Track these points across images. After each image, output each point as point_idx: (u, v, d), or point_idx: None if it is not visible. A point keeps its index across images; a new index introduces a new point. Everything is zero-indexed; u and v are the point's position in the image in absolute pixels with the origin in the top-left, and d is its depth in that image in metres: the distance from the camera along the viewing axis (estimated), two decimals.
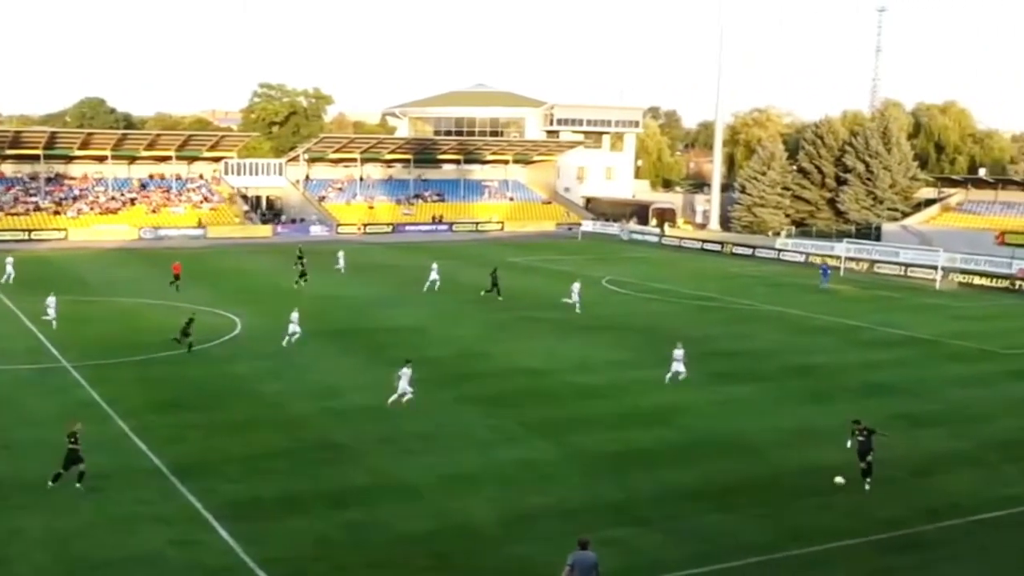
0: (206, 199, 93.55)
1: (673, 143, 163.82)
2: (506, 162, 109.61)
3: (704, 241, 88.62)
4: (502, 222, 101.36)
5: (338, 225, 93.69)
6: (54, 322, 41.92)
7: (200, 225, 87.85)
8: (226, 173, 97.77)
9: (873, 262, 72.52)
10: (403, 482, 24.27)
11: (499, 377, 35.20)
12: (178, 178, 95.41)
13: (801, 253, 78.51)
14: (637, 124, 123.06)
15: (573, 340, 42.00)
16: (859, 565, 20.30)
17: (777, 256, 79.26)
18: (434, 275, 55.44)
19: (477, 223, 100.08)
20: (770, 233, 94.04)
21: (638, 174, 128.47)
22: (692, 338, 42.83)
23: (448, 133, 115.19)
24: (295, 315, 39.64)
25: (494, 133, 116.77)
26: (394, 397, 30.47)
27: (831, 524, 22.17)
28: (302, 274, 56.42)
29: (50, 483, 22.96)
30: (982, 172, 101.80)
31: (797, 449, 27.54)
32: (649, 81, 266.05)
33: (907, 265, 70.61)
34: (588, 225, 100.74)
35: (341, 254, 64.36)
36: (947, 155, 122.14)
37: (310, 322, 43.71)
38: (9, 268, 55.48)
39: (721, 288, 59.30)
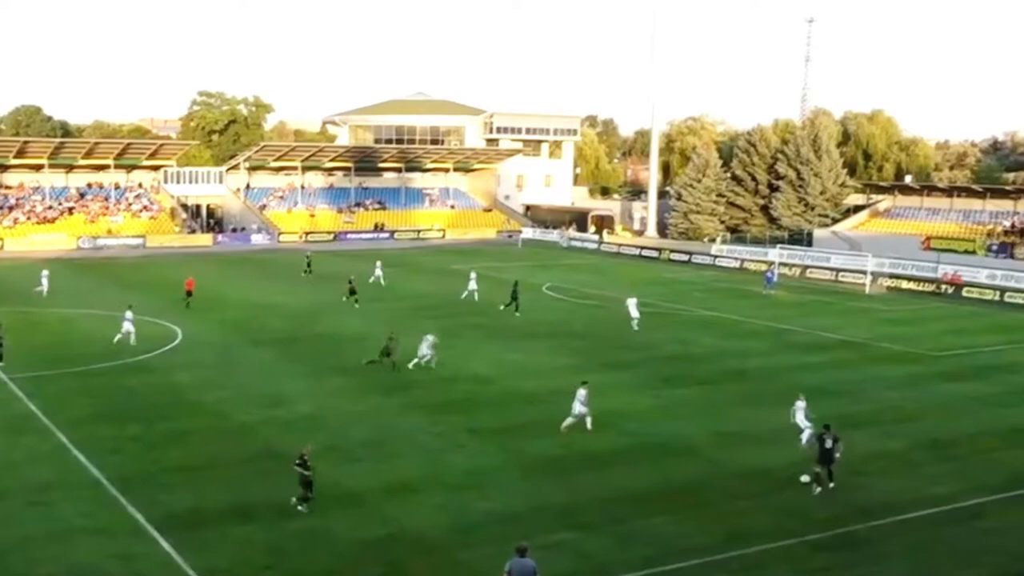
0: (146, 208, 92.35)
1: (611, 151, 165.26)
2: (447, 170, 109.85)
3: (642, 248, 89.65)
4: (444, 230, 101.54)
5: (280, 234, 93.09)
6: (132, 337, 40.16)
7: (110, 234, 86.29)
8: (165, 182, 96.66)
9: (805, 267, 73.97)
10: (351, 490, 24.35)
11: (444, 384, 35.39)
12: (117, 187, 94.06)
13: (736, 259, 79.79)
14: (575, 132, 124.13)
15: (516, 346, 42.38)
16: (798, 564, 20.84)
17: (713, 262, 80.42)
18: (472, 284, 54.93)
19: (419, 231, 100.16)
20: (706, 239, 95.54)
21: (577, 181, 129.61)
22: (632, 344, 43.60)
23: (388, 141, 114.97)
24: (431, 337, 37.25)
25: (434, 141, 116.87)
26: (569, 421, 29.13)
27: (771, 525, 22.74)
28: (352, 291, 52.83)
29: (301, 507, 22.64)
30: (908, 179, 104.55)
31: (737, 451, 28.17)
32: (586, 90, 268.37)
33: (838, 270, 72.14)
34: (528, 232, 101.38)
35: (379, 263, 62.58)
36: (875, 162, 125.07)
37: (251, 331, 43.57)
38: None
39: (659, 294, 60.09)
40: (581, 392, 29.24)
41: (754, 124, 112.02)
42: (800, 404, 29.12)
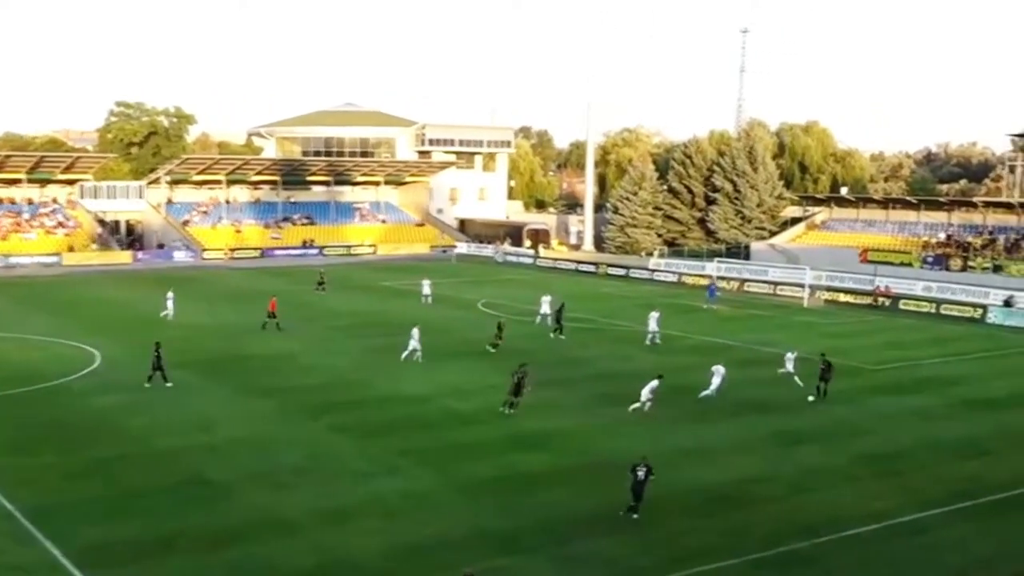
0: (61, 224, 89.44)
1: (545, 163, 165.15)
2: (377, 183, 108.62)
3: (579, 262, 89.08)
4: (375, 245, 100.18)
5: (203, 250, 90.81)
6: (417, 354, 40.82)
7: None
8: (82, 197, 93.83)
9: (744, 281, 73.96)
10: (281, 517, 23.35)
11: (375, 405, 34.43)
12: (30, 202, 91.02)
13: (674, 273, 79.64)
14: (509, 144, 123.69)
15: (450, 366, 41.40)
16: None
17: (651, 276, 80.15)
18: (545, 307, 52.06)
19: (349, 246, 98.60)
20: (643, 253, 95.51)
21: (511, 195, 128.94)
22: (570, 360, 42.93)
23: (317, 153, 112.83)
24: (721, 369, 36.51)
25: (364, 153, 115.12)
26: (635, 406, 33.01)
27: (713, 544, 22.30)
28: (498, 338, 44.65)
29: (621, 512, 23.45)
30: (844, 191, 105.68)
31: (678, 469, 27.60)
32: (520, 100, 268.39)
33: (776, 283, 71.85)
34: (462, 247, 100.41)
35: (427, 282, 61.19)
36: (811, 174, 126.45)
37: (177, 353, 41.99)
38: None
39: (596, 309, 59.62)
40: (653, 383, 33.12)
41: (690, 135, 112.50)
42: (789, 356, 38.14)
